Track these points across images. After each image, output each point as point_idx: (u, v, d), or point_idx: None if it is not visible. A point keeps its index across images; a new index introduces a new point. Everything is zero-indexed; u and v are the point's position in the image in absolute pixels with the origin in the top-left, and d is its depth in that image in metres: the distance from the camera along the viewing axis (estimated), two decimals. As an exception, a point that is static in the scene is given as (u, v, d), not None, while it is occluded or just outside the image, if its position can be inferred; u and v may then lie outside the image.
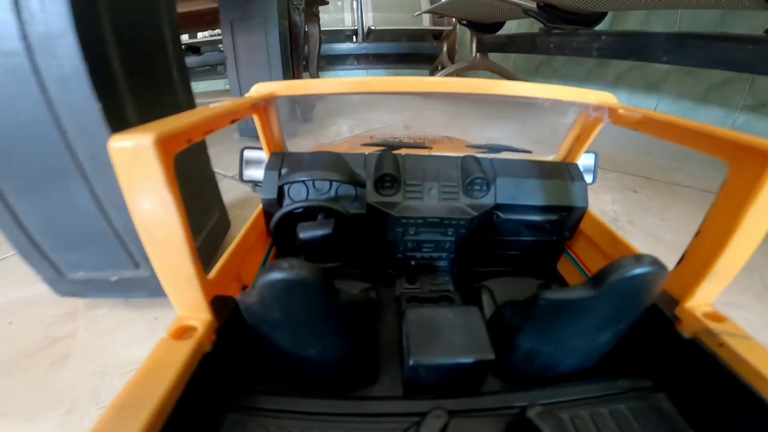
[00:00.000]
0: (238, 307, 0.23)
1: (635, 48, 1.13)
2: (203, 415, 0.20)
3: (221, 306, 0.23)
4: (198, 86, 2.95)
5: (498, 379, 0.28)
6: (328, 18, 3.05)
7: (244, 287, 0.31)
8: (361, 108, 1.78)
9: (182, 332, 0.20)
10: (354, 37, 3.21)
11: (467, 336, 0.25)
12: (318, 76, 1.87)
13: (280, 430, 0.22)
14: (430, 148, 0.47)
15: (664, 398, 0.23)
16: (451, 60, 3.10)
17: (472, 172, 0.36)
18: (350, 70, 3.40)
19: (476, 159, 0.39)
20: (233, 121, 0.26)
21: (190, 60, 3.00)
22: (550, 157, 0.43)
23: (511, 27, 2.00)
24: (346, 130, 1.42)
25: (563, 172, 0.39)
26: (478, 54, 2.06)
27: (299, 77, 1.13)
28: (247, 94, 0.31)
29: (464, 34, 3.16)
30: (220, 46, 2.56)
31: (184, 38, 2.61)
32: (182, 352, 0.18)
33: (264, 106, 0.34)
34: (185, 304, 0.21)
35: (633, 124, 0.29)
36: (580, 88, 0.33)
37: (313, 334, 0.24)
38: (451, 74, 2.06)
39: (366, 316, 0.27)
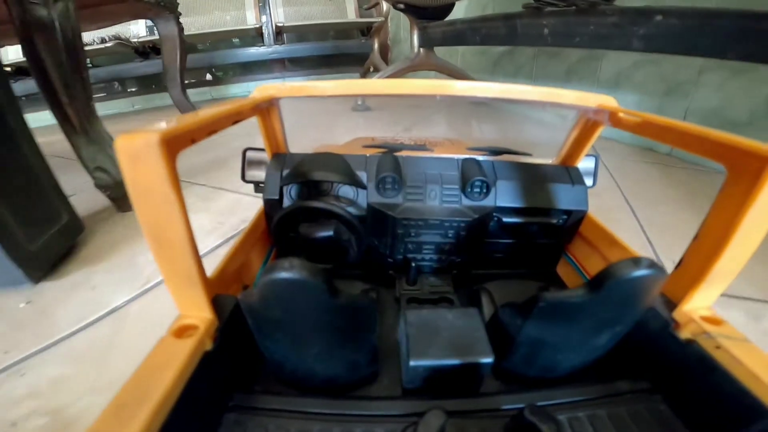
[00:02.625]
0: (239, 306, 0.23)
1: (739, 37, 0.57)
2: (203, 414, 0.20)
3: (222, 305, 0.23)
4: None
5: (497, 381, 0.28)
6: (230, 18, 2.35)
7: (245, 287, 0.31)
8: (322, 128, 1.40)
9: (183, 330, 0.20)
10: (262, 38, 2.54)
11: (467, 337, 0.25)
12: (186, 100, 1.26)
13: (279, 429, 0.22)
14: (431, 150, 0.46)
15: (662, 401, 0.24)
16: (385, 59, 2.58)
17: (473, 175, 0.37)
18: (263, 81, 2.74)
19: (477, 161, 0.39)
20: (235, 122, 0.26)
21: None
22: (550, 160, 0.43)
23: (457, 12, 1.50)
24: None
25: (563, 175, 0.39)
26: (421, 49, 1.53)
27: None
28: (250, 96, 0.31)
29: (398, 27, 2.65)
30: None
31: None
32: (183, 350, 0.18)
33: (266, 107, 0.34)
34: (187, 303, 0.21)
35: (633, 127, 0.29)
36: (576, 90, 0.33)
37: (313, 333, 0.24)
38: (390, 77, 1.51)
39: (366, 317, 0.26)
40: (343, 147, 0.61)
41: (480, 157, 0.41)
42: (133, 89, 2.48)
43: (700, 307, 0.23)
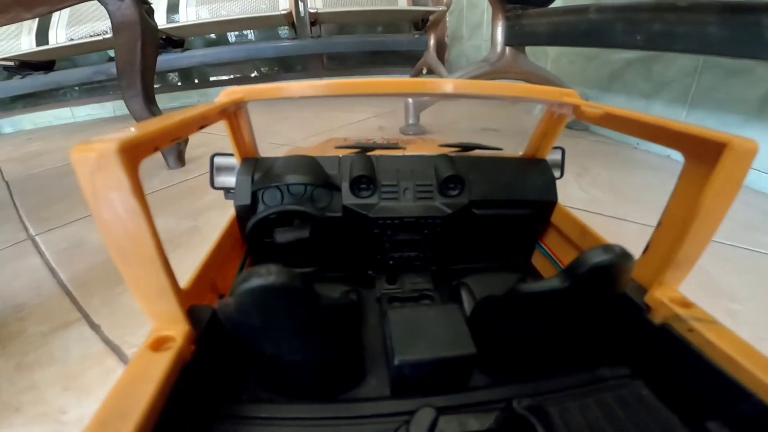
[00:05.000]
0: (216, 316, 0.23)
1: None
2: (189, 426, 0.20)
3: (199, 316, 0.22)
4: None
5: (484, 374, 0.28)
6: (248, 4, 1.93)
7: (221, 296, 0.31)
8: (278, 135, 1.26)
9: (160, 343, 0.19)
10: (293, 29, 2.13)
11: (449, 332, 0.25)
12: (150, 114, 0.84)
13: None
14: (404, 149, 0.46)
15: (643, 385, 0.24)
16: (441, 60, 2.05)
17: (446, 171, 0.37)
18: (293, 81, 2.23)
19: (449, 158, 0.39)
20: (201, 128, 0.25)
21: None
22: (519, 153, 0.43)
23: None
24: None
25: (533, 167, 0.40)
26: (507, 49, 1.01)
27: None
28: (216, 100, 0.31)
29: (460, 22, 2.11)
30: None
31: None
32: (162, 363, 0.18)
33: (233, 110, 0.33)
34: (160, 316, 0.20)
35: (596, 120, 0.30)
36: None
37: (295, 339, 0.23)
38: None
39: (348, 319, 0.27)
40: (316, 149, 0.59)
41: (452, 154, 0.41)
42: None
43: (669, 290, 0.24)
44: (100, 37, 1.73)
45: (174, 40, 1.92)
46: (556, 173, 0.41)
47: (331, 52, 2.20)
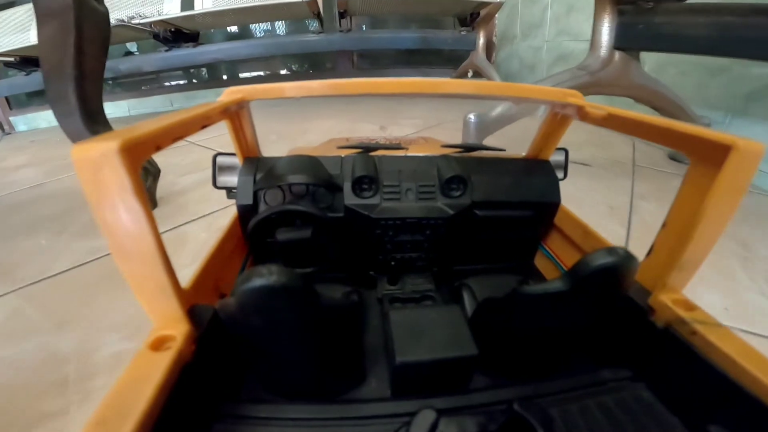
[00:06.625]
0: (217, 315, 0.23)
1: None
2: (189, 426, 0.20)
3: (200, 315, 0.22)
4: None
5: (485, 376, 0.28)
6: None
7: (222, 296, 0.31)
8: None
9: (160, 343, 0.19)
10: (320, 21, 1.87)
11: (450, 333, 0.25)
12: (87, 134, 0.58)
13: None
14: (406, 149, 0.45)
15: (645, 388, 0.24)
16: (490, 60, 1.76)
17: (448, 172, 0.37)
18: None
19: (451, 158, 0.39)
20: (203, 127, 0.25)
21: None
22: (522, 154, 0.43)
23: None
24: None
25: (536, 168, 0.39)
26: (616, 54, 0.70)
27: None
28: (218, 99, 0.31)
29: (513, 19, 1.82)
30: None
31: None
32: (162, 363, 0.18)
33: (236, 110, 0.33)
34: (161, 316, 0.20)
35: (600, 121, 0.29)
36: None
37: (296, 339, 0.23)
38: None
39: (349, 319, 0.26)
40: (318, 149, 0.59)
41: (454, 154, 0.41)
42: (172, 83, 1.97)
43: (673, 293, 0.23)
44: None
45: (185, 34, 1.69)
46: (560, 174, 0.41)
47: (362, 49, 1.93)
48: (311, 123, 1.51)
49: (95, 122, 0.68)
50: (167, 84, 2.11)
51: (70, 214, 0.84)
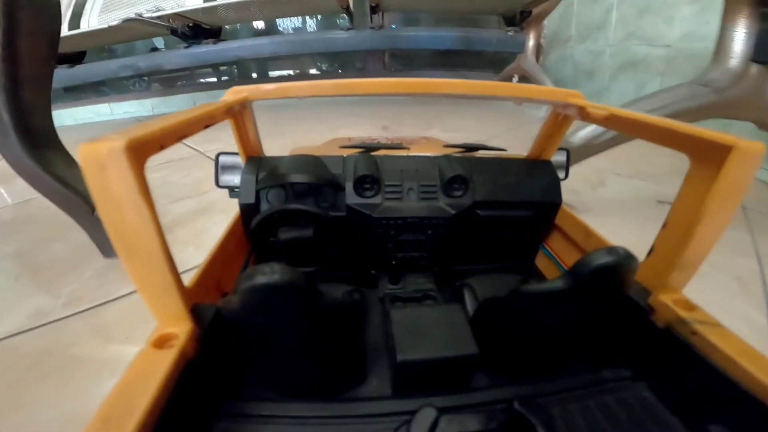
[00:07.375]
0: (219, 313, 0.23)
1: None
2: (191, 424, 0.20)
3: (202, 314, 0.22)
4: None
5: (485, 375, 0.28)
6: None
7: (225, 294, 0.31)
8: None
9: (163, 341, 0.19)
10: (350, 17, 1.70)
11: (451, 333, 0.25)
12: (37, 166, 0.45)
13: None
14: (408, 149, 0.46)
15: (646, 388, 0.24)
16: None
17: (450, 172, 0.37)
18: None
19: (453, 158, 0.39)
20: (207, 126, 0.25)
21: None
22: (524, 155, 0.43)
23: None
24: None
25: (537, 168, 0.40)
26: (753, 67, 0.48)
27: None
28: (222, 99, 0.31)
29: (568, 21, 1.62)
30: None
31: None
32: (165, 360, 0.18)
33: (239, 110, 0.33)
34: (165, 314, 0.20)
35: (601, 121, 0.29)
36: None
37: (298, 338, 0.23)
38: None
39: (350, 318, 0.26)
40: (320, 148, 0.59)
41: (456, 154, 0.41)
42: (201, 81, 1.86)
43: (673, 293, 0.23)
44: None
45: (206, 30, 1.56)
46: (561, 174, 0.41)
47: (394, 49, 1.76)
48: (337, 130, 1.36)
49: (39, 144, 0.52)
50: (200, 81, 2.01)
51: (35, 251, 0.67)
